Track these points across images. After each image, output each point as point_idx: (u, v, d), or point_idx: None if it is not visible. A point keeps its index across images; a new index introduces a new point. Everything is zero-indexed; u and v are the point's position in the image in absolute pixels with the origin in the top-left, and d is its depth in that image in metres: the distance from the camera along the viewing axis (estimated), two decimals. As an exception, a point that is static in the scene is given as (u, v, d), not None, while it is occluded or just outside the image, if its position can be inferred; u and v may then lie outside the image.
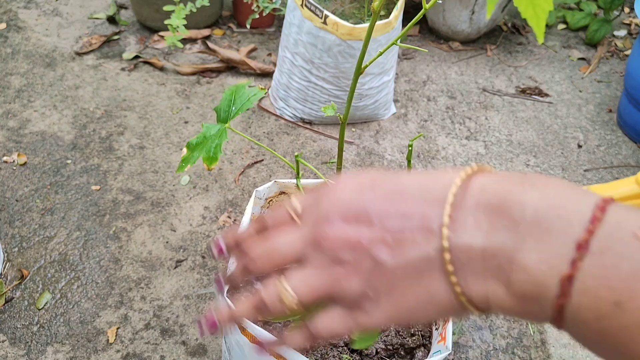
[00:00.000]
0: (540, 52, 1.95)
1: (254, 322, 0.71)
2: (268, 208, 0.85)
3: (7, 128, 1.45)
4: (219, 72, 1.70)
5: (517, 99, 1.71)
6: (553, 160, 1.50)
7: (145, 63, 1.71)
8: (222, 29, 1.90)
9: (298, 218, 0.35)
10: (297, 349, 0.38)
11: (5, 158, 1.36)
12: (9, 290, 1.08)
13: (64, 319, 1.04)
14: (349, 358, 0.70)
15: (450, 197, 0.29)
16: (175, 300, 1.08)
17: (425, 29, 2.00)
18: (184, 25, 1.50)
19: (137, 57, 1.73)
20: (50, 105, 1.53)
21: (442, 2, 1.81)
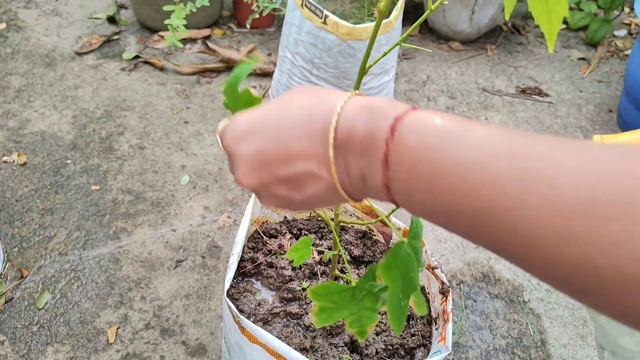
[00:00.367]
0: (540, 52, 1.95)
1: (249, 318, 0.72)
2: (268, 208, 0.85)
3: (7, 128, 1.45)
4: (219, 72, 1.71)
5: (517, 99, 1.71)
6: (553, 160, 1.50)
7: (145, 63, 1.72)
8: (222, 29, 1.90)
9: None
10: None
11: (5, 158, 1.36)
12: (9, 290, 1.08)
13: (64, 319, 1.04)
14: (349, 358, 0.70)
15: (331, 148, 0.36)
16: (175, 300, 1.08)
17: (425, 29, 2.00)
18: (184, 25, 1.50)
19: (137, 57, 1.73)
20: (50, 105, 1.53)
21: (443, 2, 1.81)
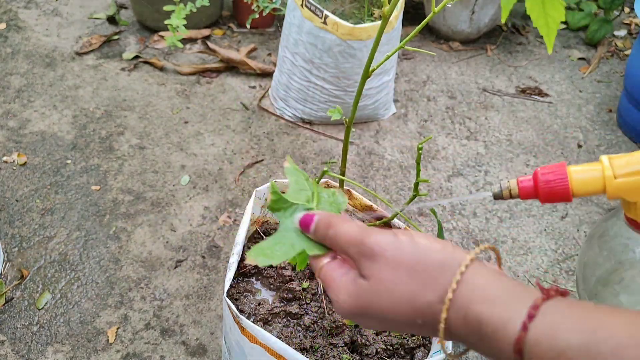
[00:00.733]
0: (540, 52, 1.95)
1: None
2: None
3: (7, 128, 1.45)
4: (219, 72, 1.70)
5: (517, 99, 1.71)
6: (553, 160, 1.50)
7: (145, 63, 1.72)
8: (222, 29, 1.90)
9: None
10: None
11: (5, 158, 1.36)
12: (9, 290, 1.08)
13: (64, 319, 1.04)
14: (349, 358, 0.70)
15: (442, 331, 0.38)
16: (175, 300, 1.08)
17: (426, 29, 2.00)
18: (184, 25, 1.50)
19: (137, 57, 1.73)
20: (50, 105, 1.53)
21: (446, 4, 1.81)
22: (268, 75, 1.70)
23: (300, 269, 0.63)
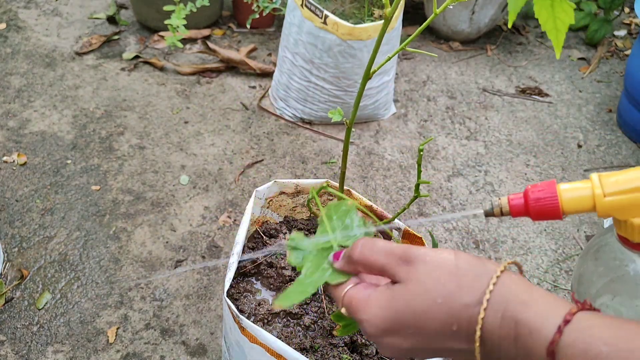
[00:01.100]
0: (540, 52, 1.95)
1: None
2: (268, 208, 0.85)
3: (7, 128, 1.45)
4: (219, 72, 1.71)
5: (517, 99, 1.71)
6: (553, 160, 1.50)
7: (145, 63, 1.72)
8: (222, 29, 1.90)
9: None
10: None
11: (5, 158, 1.36)
12: (9, 290, 1.08)
13: (64, 319, 1.04)
14: (349, 358, 0.70)
15: (477, 342, 0.38)
16: (175, 300, 1.08)
17: (426, 29, 2.00)
18: (184, 25, 1.50)
19: (137, 57, 1.73)
20: (50, 105, 1.53)
21: (442, 2, 1.81)
22: (268, 75, 1.70)
23: (300, 270, 0.63)
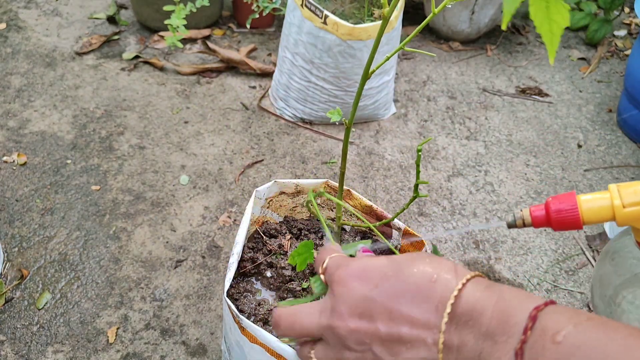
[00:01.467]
0: (540, 52, 1.95)
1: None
2: (268, 208, 0.85)
3: (7, 128, 1.45)
4: (219, 72, 1.70)
5: (517, 99, 1.71)
6: (553, 160, 1.50)
7: (145, 63, 1.72)
8: (222, 29, 1.90)
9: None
10: None
11: (5, 158, 1.36)
12: (9, 290, 1.08)
13: (64, 319, 1.04)
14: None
15: (446, 317, 0.37)
16: (175, 300, 1.08)
17: (425, 29, 2.00)
18: (184, 25, 1.50)
19: (137, 57, 1.73)
20: (50, 105, 1.53)
21: (446, 5, 1.81)
22: (268, 75, 1.70)
23: (300, 270, 0.63)
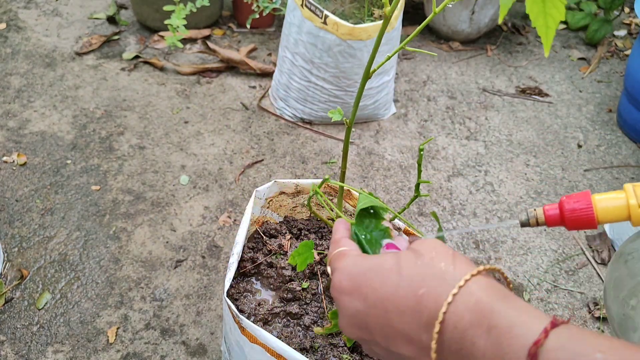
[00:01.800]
0: (540, 52, 1.95)
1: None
2: (268, 208, 0.85)
3: (7, 128, 1.45)
4: (219, 72, 1.70)
5: (517, 99, 1.71)
6: (553, 160, 1.50)
7: (145, 63, 1.72)
8: (222, 29, 1.90)
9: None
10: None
11: (5, 158, 1.36)
12: (9, 290, 1.08)
13: (64, 319, 1.04)
14: (349, 358, 0.70)
15: (437, 327, 0.34)
16: (175, 300, 1.08)
17: (426, 29, 2.00)
18: (184, 25, 1.50)
19: (137, 57, 1.73)
20: (50, 105, 1.53)
21: (441, 1, 1.81)
22: (268, 75, 1.70)
23: (301, 270, 0.63)
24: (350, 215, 0.85)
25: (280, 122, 1.54)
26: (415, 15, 1.99)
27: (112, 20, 1.88)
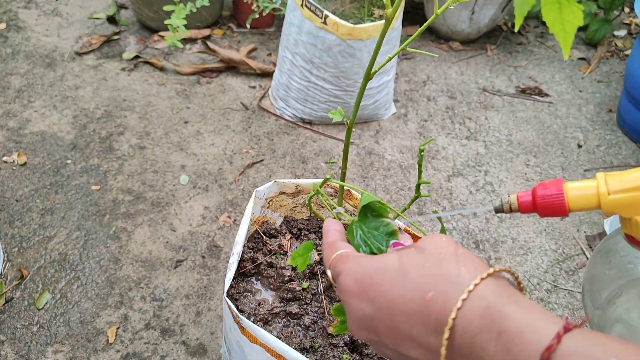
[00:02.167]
0: (540, 52, 1.95)
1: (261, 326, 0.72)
2: (268, 208, 0.85)
3: (7, 128, 1.45)
4: (219, 72, 1.70)
5: (517, 99, 1.71)
6: (553, 160, 1.50)
7: (145, 63, 1.72)
8: (222, 29, 1.90)
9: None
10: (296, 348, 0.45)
11: (5, 158, 1.36)
12: (9, 290, 1.08)
13: (64, 319, 1.04)
14: (349, 358, 0.70)
15: (447, 333, 0.33)
16: (175, 300, 1.08)
17: (426, 29, 2.00)
18: (184, 25, 1.50)
19: (137, 57, 1.73)
20: (50, 106, 1.53)
21: (442, 2, 1.81)
22: (268, 75, 1.70)
23: (301, 271, 0.63)
24: (351, 215, 0.85)
25: (280, 122, 1.54)
26: (416, 15, 1.99)
27: (112, 20, 1.88)
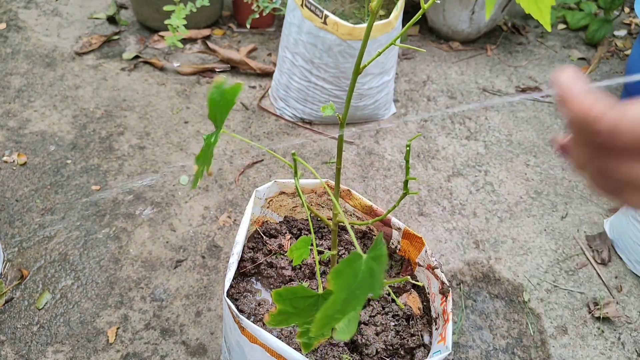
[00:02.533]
0: (540, 52, 1.95)
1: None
2: (268, 208, 0.85)
3: (7, 128, 1.45)
4: (223, 72, 1.70)
5: (517, 99, 1.71)
6: (553, 160, 1.50)
7: (145, 63, 1.72)
8: (222, 29, 1.90)
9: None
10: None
11: (5, 158, 1.36)
12: (9, 290, 1.08)
13: (64, 319, 1.04)
14: (349, 358, 0.70)
15: None
16: (175, 300, 1.08)
17: (425, 29, 2.00)
18: (184, 25, 1.50)
19: (137, 57, 1.73)
20: (50, 105, 1.53)
21: (441, 1, 1.81)
22: (268, 75, 1.70)
23: (297, 264, 0.63)
24: (350, 215, 0.85)
25: (280, 122, 1.54)
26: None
27: (112, 20, 1.88)
